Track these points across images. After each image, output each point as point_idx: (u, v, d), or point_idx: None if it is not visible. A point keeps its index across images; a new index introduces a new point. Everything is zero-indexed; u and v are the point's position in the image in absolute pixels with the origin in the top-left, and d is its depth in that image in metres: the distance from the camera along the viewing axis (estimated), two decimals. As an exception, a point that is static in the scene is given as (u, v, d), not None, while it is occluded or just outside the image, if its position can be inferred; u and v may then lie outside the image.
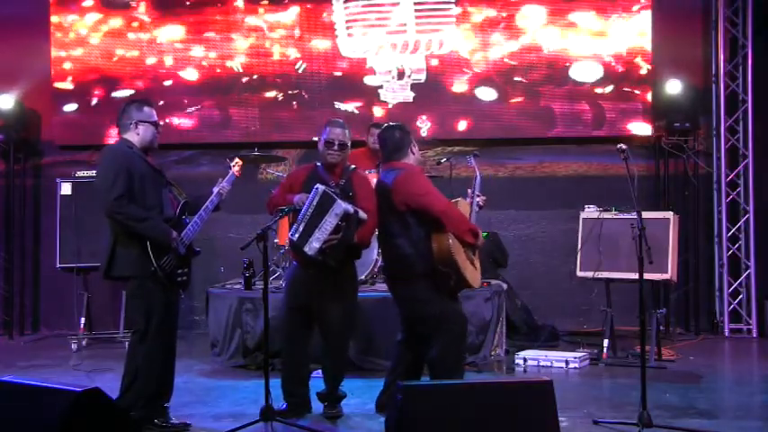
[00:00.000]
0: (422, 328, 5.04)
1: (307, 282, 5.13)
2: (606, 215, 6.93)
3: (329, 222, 4.87)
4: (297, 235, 4.96)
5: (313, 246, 4.90)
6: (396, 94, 8.56)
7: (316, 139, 5.49)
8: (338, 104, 8.60)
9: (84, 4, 8.76)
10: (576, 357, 6.67)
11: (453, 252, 4.89)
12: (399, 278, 5.03)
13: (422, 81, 8.55)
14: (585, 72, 8.43)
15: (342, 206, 4.88)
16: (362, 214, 4.99)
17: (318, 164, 5.28)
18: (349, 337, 5.45)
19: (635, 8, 8.36)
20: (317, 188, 4.97)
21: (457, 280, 5.00)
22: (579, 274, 7.07)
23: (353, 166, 5.37)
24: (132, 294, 4.91)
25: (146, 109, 5.00)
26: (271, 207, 5.31)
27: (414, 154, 5.14)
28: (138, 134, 4.95)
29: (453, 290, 5.10)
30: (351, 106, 8.61)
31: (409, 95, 8.56)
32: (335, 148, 5.15)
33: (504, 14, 8.48)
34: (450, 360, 5.01)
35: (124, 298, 5.45)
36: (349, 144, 5.25)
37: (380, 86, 8.57)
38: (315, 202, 4.93)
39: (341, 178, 5.20)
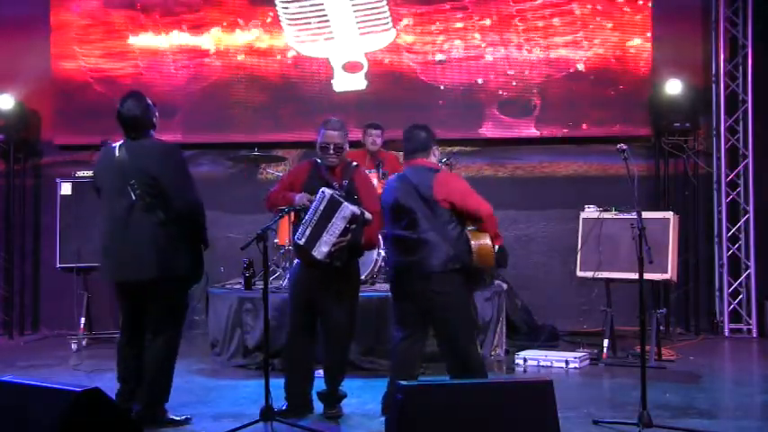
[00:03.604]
0: (450, 321, 4.95)
1: (310, 281, 5.12)
2: (606, 215, 6.94)
3: (337, 226, 4.86)
4: (303, 239, 4.93)
5: (322, 250, 4.89)
6: (348, 83, 8.61)
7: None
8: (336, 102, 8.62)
9: (84, 3, 8.76)
10: (575, 357, 6.67)
11: (492, 253, 4.94)
12: (431, 272, 4.88)
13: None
14: (585, 72, 8.43)
15: (349, 209, 4.86)
16: (368, 215, 4.99)
17: (318, 160, 5.24)
18: (351, 338, 5.44)
19: (635, 8, 8.37)
20: (323, 192, 4.93)
21: (489, 278, 5.14)
22: (579, 274, 7.07)
23: (355, 163, 5.34)
24: (171, 296, 4.88)
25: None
26: (270, 204, 5.24)
27: (435, 156, 5.16)
28: (153, 129, 4.98)
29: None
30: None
31: (363, 83, 8.59)
32: (331, 151, 5.11)
33: (504, 13, 8.49)
34: (474, 353, 5.04)
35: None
36: (346, 146, 5.19)
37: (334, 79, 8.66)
38: (321, 207, 4.90)
39: (343, 177, 5.17)
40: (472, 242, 4.91)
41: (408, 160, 5.09)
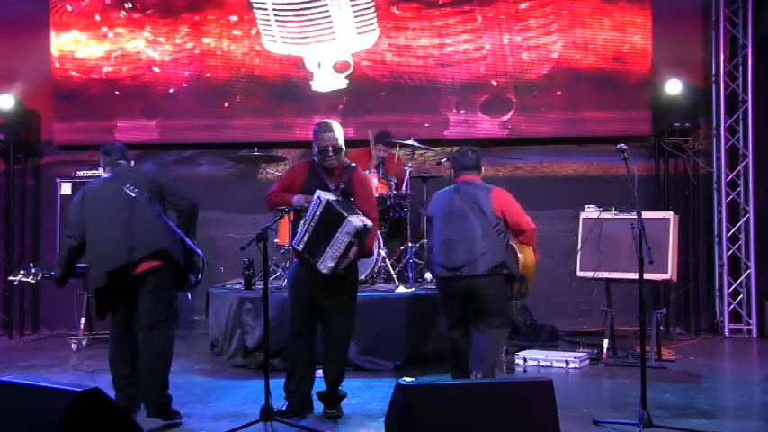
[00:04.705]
0: (493, 321, 5.44)
1: (309, 281, 5.10)
2: (606, 215, 6.93)
3: (341, 240, 4.84)
4: (302, 245, 4.93)
5: (328, 265, 4.88)
6: (331, 83, 8.63)
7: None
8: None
9: (84, 4, 8.76)
10: (575, 357, 6.67)
11: (535, 265, 5.62)
12: (482, 275, 5.37)
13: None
14: (585, 71, 8.43)
15: (353, 225, 4.82)
16: (369, 224, 4.97)
17: (316, 160, 5.22)
18: (350, 338, 5.44)
19: (635, 8, 8.37)
20: (318, 198, 4.92)
21: (527, 288, 5.63)
22: (579, 274, 7.07)
23: (354, 164, 5.33)
24: (169, 285, 5.11)
25: None
26: (271, 204, 5.25)
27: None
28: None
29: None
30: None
31: (344, 83, 8.60)
32: (330, 153, 5.11)
33: (504, 15, 8.49)
34: (500, 352, 5.74)
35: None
36: (343, 145, 5.19)
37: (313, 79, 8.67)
38: (318, 213, 4.89)
39: (341, 179, 5.16)
40: (519, 254, 5.54)
41: (460, 176, 5.69)
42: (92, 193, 5.19)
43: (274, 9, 8.60)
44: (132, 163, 5.42)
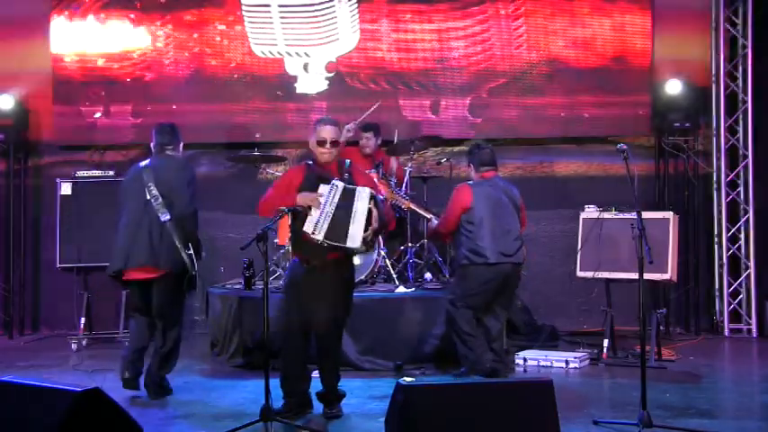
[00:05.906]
0: (509, 305, 6.43)
1: (307, 282, 5.12)
2: (606, 215, 6.94)
3: (361, 210, 4.89)
4: (321, 234, 4.89)
5: (355, 239, 4.89)
6: (317, 84, 8.64)
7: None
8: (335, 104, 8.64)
9: (85, 3, 8.75)
10: (575, 357, 6.67)
11: None
12: (521, 263, 6.18)
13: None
14: (585, 71, 8.43)
15: (367, 190, 4.95)
16: (380, 195, 5.11)
17: (310, 162, 5.24)
18: (341, 335, 5.47)
19: (635, 8, 8.37)
20: (334, 184, 4.95)
21: None
22: (579, 274, 7.07)
23: (349, 161, 5.35)
24: (175, 289, 5.62)
25: None
26: (267, 209, 5.15)
27: None
28: (179, 152, 5.87)
29: None
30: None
31: (324, 84, 8.62)
32: (327, 146, 5.14)
33: (504, 12, 8.48)
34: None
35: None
36: (341, 141, 5.30)
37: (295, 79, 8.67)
38: (336, 199, 4.90)
39: (340, 174, 5.17)
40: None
41: (485, 171, 6.21)
42: (130, 180, 5.74)
43: (280, 12, 8.58)
44: (181, 147, 5.89)
